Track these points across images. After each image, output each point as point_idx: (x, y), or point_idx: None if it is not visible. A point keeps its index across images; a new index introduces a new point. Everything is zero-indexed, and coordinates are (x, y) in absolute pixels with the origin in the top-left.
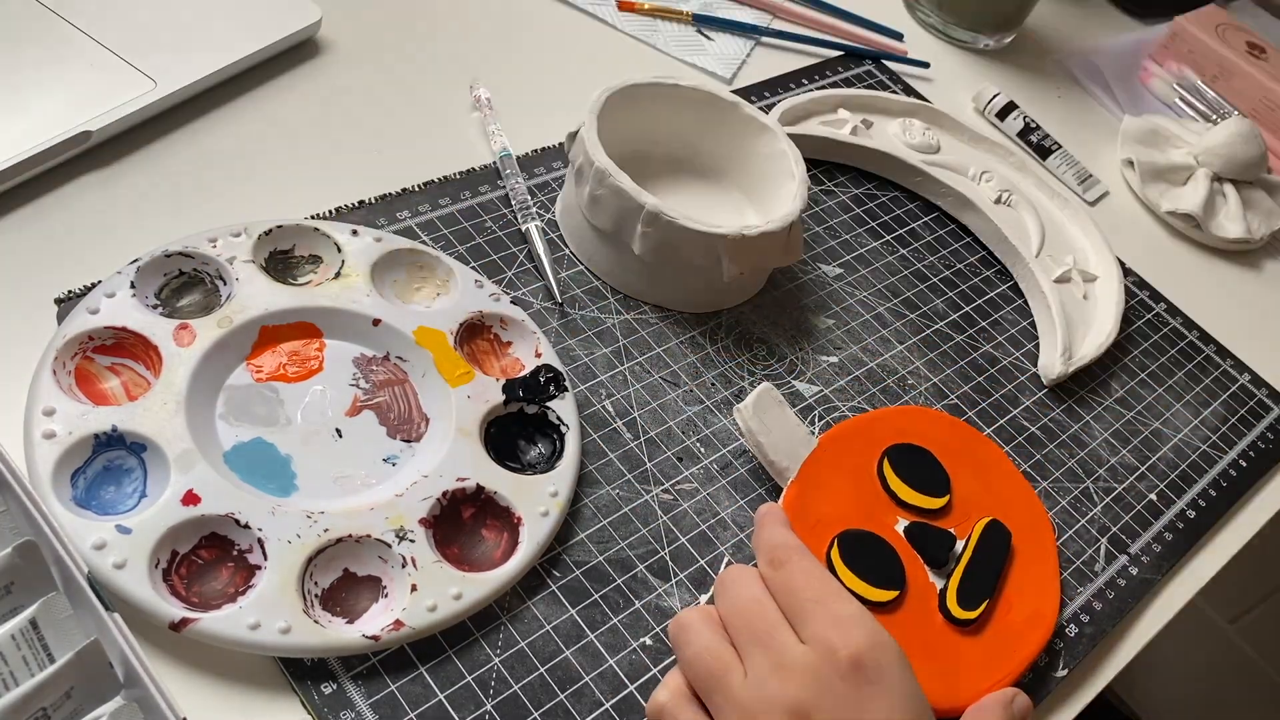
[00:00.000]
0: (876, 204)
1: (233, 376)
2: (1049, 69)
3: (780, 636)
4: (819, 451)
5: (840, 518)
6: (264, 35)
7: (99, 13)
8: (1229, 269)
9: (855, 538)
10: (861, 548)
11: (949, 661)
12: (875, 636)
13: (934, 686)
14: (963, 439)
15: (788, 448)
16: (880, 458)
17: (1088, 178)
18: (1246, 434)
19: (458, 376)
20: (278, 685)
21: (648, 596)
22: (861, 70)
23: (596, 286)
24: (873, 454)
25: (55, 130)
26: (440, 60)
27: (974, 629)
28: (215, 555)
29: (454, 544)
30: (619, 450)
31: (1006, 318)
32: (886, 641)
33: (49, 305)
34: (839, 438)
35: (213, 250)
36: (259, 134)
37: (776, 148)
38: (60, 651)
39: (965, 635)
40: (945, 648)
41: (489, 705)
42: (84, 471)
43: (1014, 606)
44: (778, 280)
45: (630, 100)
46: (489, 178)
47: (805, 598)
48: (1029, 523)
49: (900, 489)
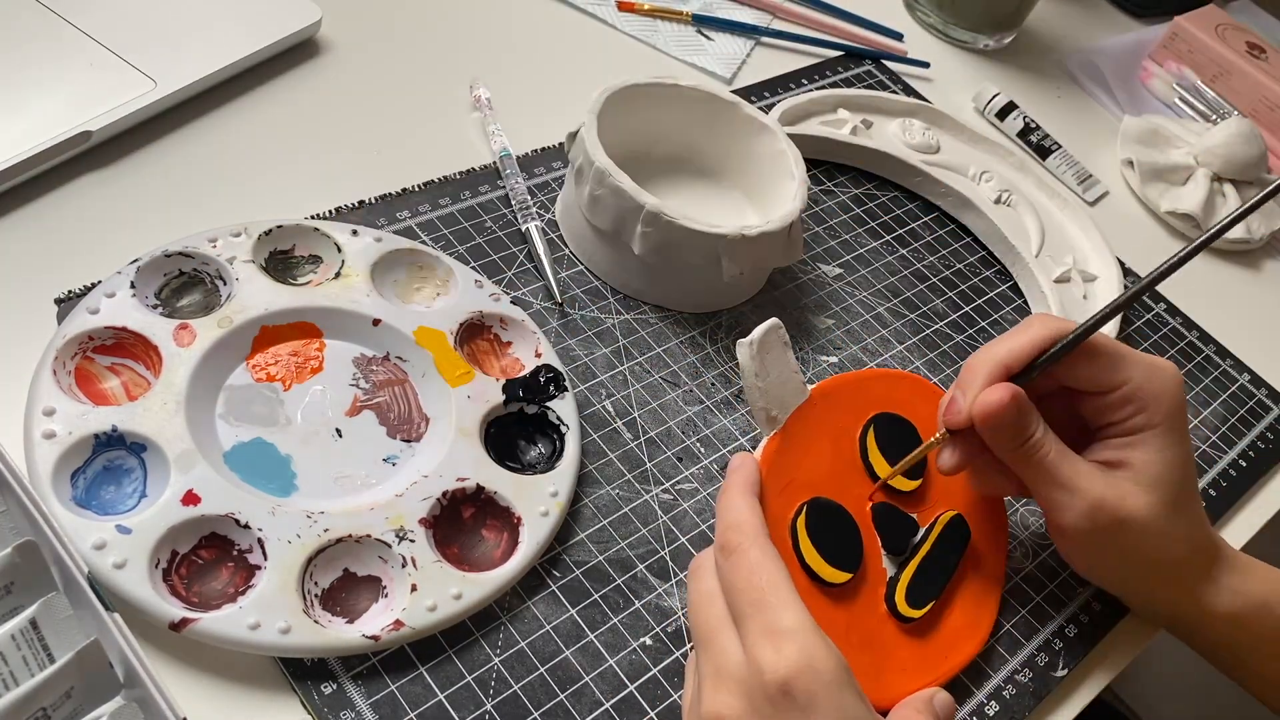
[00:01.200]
0: (876, 204)
1: (233, 376)
2: (1049, 69)
3: (720, 641)
4: (807, 404)
5: (813, 483)
6: (264, 35)
7: (99, 12)
8: (1229, 269)
9: (824, 509)
10: (828, 521)
11: (883, 656)
12: (809, 658)
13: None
14: None
15: (780, 395)
16: (866, 425)
17: (1087, 178)
18: (1246, 434)
19: (458, 376)
20: (278, 685)
21: (648, 596)
22: (861, 70)
23: (596, 286)
24: (858, 417)
25: (55, 130)
26: (440, 60)
27: (913, 628)
28: (215, 555)
29: (454, 544)
30: (619, 450)
31: (1006, 318)
32: (821, 665)
33: (49, 305)
34: (830, 393)
35: (213, 250)
36: (259, 134)
37: (776, 148)
38: (60, 651)
39: (902, 632)
40: (883, 642)
41: (489, 705)
42: (84, 471)
43: (954, 611)
44: (778, 280)
45: (630, 100)
46: (489, 178)
47: (746, 599)
48: (989, 526)
49: (878, 462)
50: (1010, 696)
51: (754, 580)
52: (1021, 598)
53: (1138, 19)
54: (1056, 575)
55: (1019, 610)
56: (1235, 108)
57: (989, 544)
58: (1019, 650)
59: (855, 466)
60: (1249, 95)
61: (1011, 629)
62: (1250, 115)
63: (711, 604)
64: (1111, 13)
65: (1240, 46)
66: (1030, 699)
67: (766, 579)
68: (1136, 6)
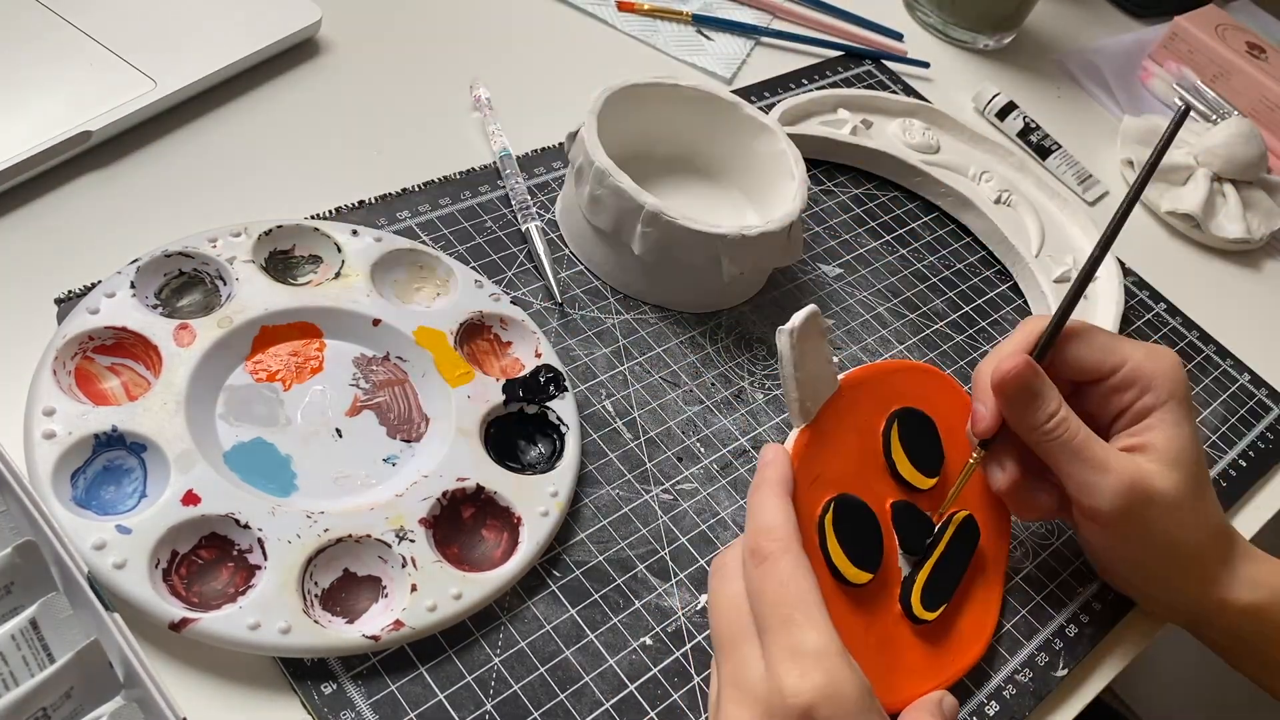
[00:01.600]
0: (876, 204)
1: (233, 376)
2: (1049, 69)
3: (743, 650)
4: (835, 396)
5: (839, 480)
6: (264, 35)
7: (99, 13)
8: (1229, 269)
9: (851, 506)
10: (854, 519)
11: (894, 658)
12: (834, 685)
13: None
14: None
15: (815, 387)
16: (890, 420)
17: (1087, 177)
18: (1246, 434)
19: (458, 376)
20: (278, 685)
21: (648, 596)
22: (861, 70)
23: (596, 286)
24: (883, 411)
25: (55, 130)
26: (440, 60)
27: (924, 629)
28: (215, 555)
29: (454, 544)
30: (619, 450)
31: (1006, 318)
32: (845, 692)
33: (49, 305)
34: (857, 384)
35: (213, 250)
36: (259, 134)
37: (776, 148)
38: (60, 651)
39: (915, 634)
40: (895, 643)
41: (489, 705)
42: (84, 471)
43: (961, 614)
44: (778, 280)
45: (630, 100)
46: (489, 178)
47: (775, 613)
48: (995, 528)
49: (900, 459)
50: (1010, 696)
51: (784, 594)
52: (1021, 598)
53: (1138, 19)
54: (1057, 575)
55: (1019, 610)
56: (1235, 108)
57: (994, 546)
58: (1019, 650)
59: (878, 463)
60: (1249, 95)
61: (1012, 629)
62: (1250, 115)
63: (737, 610)
64: (1111, 13)
65: (1240, 46)
66: (1030, 699)
67: (796, 593)
68: (1136, 6)
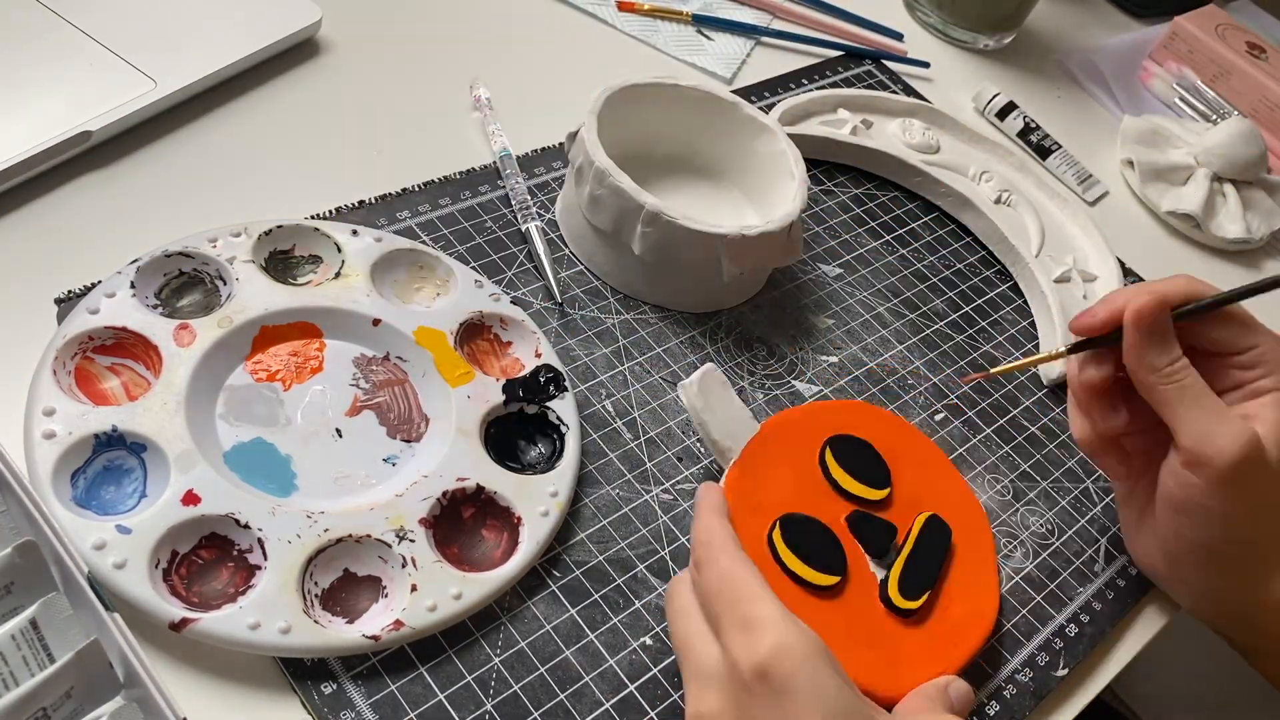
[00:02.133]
0: (876, 204)
1: (233, 376)
2: (1049, 69)
3: (696, 646)
4: (761, 436)
5: (782, 503)
6: (264, 35)
7: (99, 13)
8: (1229, 269)
9: (798, 521)
10: (804, 531)
11: (890, 650)
12: (782, 641)
13: (877, 675)
14: (904, 436)
15: (730, 429)
16: (823, 447)
17: (1087, 178)
18: None
19: (458, 376)
20: (278, 685)
21: (648, 596)
22: (861, 70)
23: (596, 286)
24: (815, 443)
25: (55, 130)
26: (440, 60)
27: (915, 620)
28: (215, 555)
29: (454, 544)
30: (619, 450)
31: (1006, 318)
32: (794, 644)
33: (49, 305)
34: (781, 425)
35: (213, 250)
36: (259, 134)
37: (776, 147)
38: (60, 651)
39: (907, 626)
40: (887, 637)
41: (489, 705)
42: (84, 471)
43: (955, 601)
44: (778, 280)
45: (630, 100)
46: (489, 178)
47: (720, 603)
48: (968, 522)
49: (842, 478)
50: (1011, 696)
51: (726, 583)
52: (1021, 598)
53: (1138, 19)
54: (1057, 575)
55: (1019, 610)
56: (1235, 108)
57: (972, 536)
58: (1019, 650)
59: (821, 486)
60: (1249, 95)
61: (1012, 629)
62: (1250, 115)
63: (687, 617)
64: (1111, 13)
65: (1240, 46)
66: (1030, 699)
67: (738, 579)
68: (1136, 6)
